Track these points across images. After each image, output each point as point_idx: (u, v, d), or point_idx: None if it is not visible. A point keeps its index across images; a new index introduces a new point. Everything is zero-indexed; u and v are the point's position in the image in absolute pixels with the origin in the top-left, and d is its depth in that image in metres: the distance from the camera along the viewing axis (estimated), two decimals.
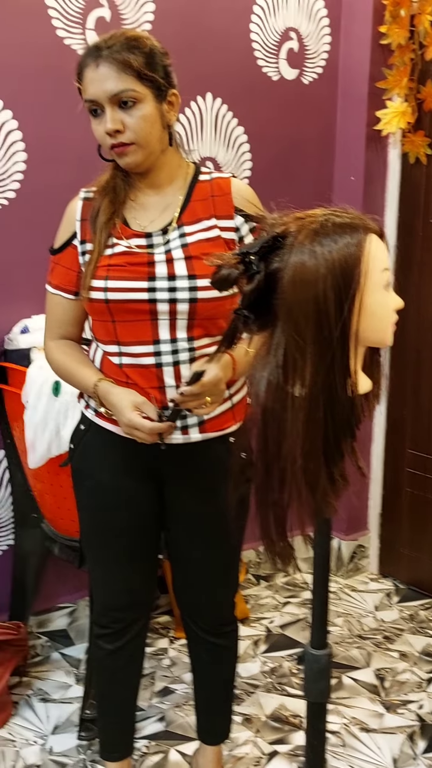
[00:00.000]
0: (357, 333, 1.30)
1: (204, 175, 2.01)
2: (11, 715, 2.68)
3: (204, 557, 2.13)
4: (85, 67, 1.88)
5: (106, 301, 1.91)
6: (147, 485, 2.06)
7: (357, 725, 2.67)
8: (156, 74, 1.88)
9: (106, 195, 1.97)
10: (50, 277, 2.06)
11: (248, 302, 1.34)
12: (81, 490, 2.13)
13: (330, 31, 3.32)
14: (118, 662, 2.23)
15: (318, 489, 1.32)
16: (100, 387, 1.95)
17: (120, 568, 2.13)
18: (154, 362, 1.93)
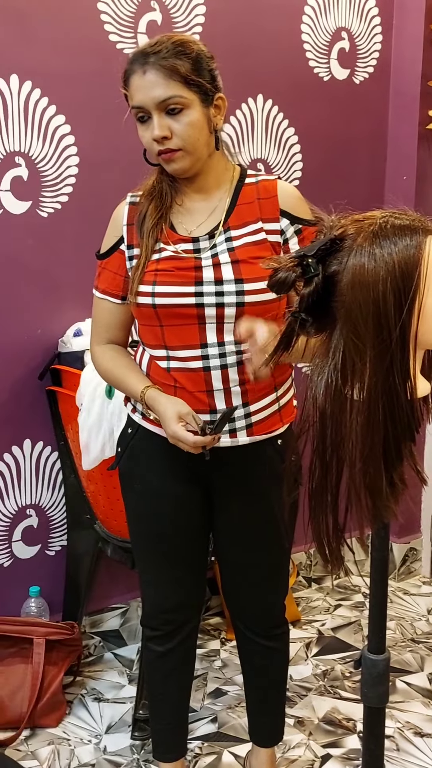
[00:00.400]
0: (416, 335, 1.29)
1: (250, 177, 2.00)
2: (66, 714, 2.70)
3: (252, 560, 2.12)
4: (131, 74, 1.87)
5: (154, 305, 1.92)
6: (195, 488, 2.06)
7: (411, 729, 2.65)
8: (202, 79, 1.87)
9: (152, 200, 1.97)
10: (97, 282, 2.07)
11: (306, 305, 1.34)
12: (129, 494, 2.13)
13: (381, 30, 3.30)
14: (168, 664, 2.23)
15: (378, 493, 1.31)
16: (147, 395, 1.95)
17: (169, 570, 2.14)
18: (201, 366, 1.93)
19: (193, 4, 2.87)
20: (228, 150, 2.02)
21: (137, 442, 2.07)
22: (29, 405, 2.78)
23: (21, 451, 2.82)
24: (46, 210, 2.71)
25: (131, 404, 2.08)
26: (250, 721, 2.38)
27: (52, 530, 2.93)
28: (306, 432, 1.40)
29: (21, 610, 2.82)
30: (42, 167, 2.68)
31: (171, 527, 2.08)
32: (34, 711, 2.61)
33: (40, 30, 2.61)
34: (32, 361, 2.76)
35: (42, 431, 2.83)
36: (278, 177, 2.01)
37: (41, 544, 2.92)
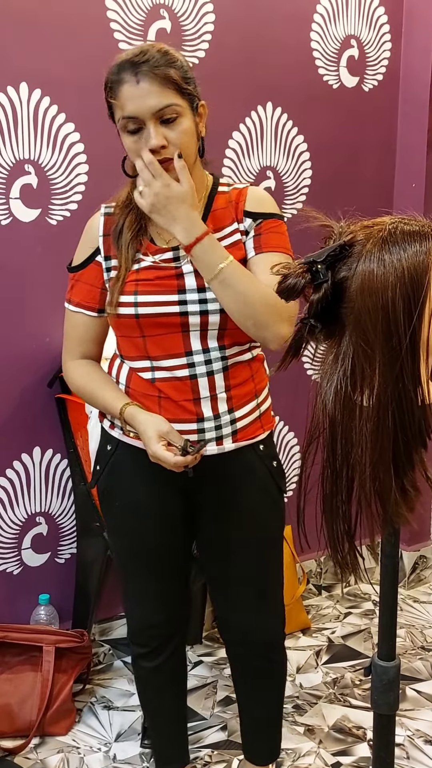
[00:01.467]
0: (427, 341, 1.28)
1: (223, 186, 2.00)
2: (75, 722, 2.70)
3: (240, 572, 2.09)
4: (121, 84, 1.83)
5: (137, 316, 1.90)
6: (178, 501, 2.04)
7: (421, 737, 2.64)
8: (190, 86, 1.86)
9: (129, 211, 1.94)
10: (70, 295, 2.03)
11: (315, 311, 1.33)
12: (110, 510, 2.10)
13: (390, 37, 3.31)
14: (160, 678, 2.22)
15: (388, 499, 1.30)
16: (127, 413, 1.92)
17: (154, 585, 2.12)
18: (188, 374, 1.92)
19: (202, 12, 2.88)
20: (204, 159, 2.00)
21: (118, 458, 2.04)
22: (38, 413, 2.79)
23: (30, 459, 2.82)
24: (55, 218, 2.72)
25: (108, 420, 2.04)
26: (243, 739, 2.34)
27: (61, 538, 2.93)
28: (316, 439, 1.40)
29: (30, 618, 2.82)
30: (51, 175, 2.69)
31: (154, 542, 2.07)
32: (43, 719, 2.61)
33: (50, 38, 2.62)
34: (41, 369, 2.76)
35: (51, 439, 2.83)
36: (249, 184, 2.01)
37: (51, 551, 2.92)
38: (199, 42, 2.90)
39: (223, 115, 2.95)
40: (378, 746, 1.52)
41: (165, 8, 2.81)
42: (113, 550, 2.17)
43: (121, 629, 3.07)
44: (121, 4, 2.73)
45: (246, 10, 2.95)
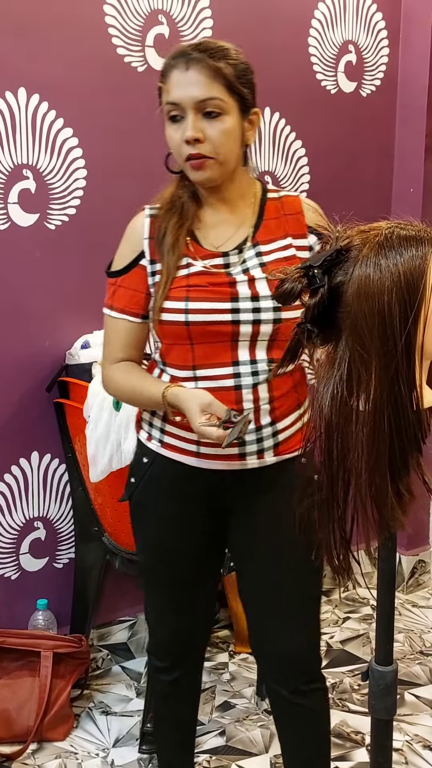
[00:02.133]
0: (422, 346, 1.28)
1: (272, 193, 1.93)
2: (73, 728, 2.70)
3: (279, 591, 1.96)
4: (172, 68, 1.78)
5: (187, 323, 1.82)
6: (214, 517, 1.96)
7: (420, 742, 2.64)
8: (244, 88, 1.80)
9: (173, 212, 1.88)
10: (111, 301, 1.94)
11: (312, 316, 1.34)
12: (141, 524, 2.03)
13: (388, 43, 3.31)
14: (177, 691, 2.16)
15: (384, 504, 1.30)
16: (169, 395, 1.82)
17: (180, 603, 2.05)
18: (233, 384, 1.84)
19: (200, 18, 2.89)
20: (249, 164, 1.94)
21: (154, 472, 1.96)
22: (37, 417, 2.79)
23: (29, 464, 2.82)
24: (53, 222, 2.72)
25: (145, 431, 1.97)
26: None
27: (59, 543, 2.93)
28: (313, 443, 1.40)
29: (28, 623, 2.82)
30: (49, 180, 2.69)
31: (184, 559, 1.99)
32: (41, 724, 2.61)
33: (48, 44, 2.63)
34: (40, 373, 2.76)
35: (49, 444, 2.83)
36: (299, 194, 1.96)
37: (49, 556, 2.91)
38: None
39: None
40: (376, 751, 1.52)
41: (163, 14, 2.82)
42: (141, 563, 2.09)
43: (119, 634, 3.07)
44: (119, 10, 2.73)
45: (244, 16, 2.96)
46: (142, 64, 2.81)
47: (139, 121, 2.82)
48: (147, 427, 1.97)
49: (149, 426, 1.96)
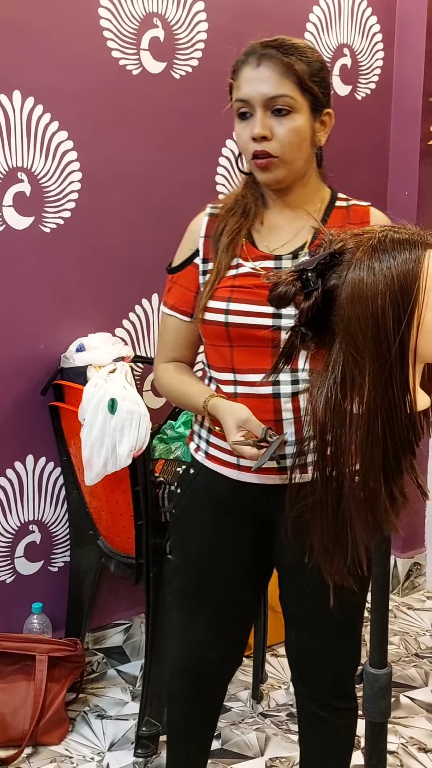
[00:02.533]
0: (416, 349, 1.29)
1: (341, 201, 1.88)
2: (68, 731, 2.69)
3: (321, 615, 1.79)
4: (244, 65, 1.75)
5: (226, 324, 1.77)
6: (257, 535, 1.87)
7: (414, 745, 2.64)
8: (317, 87, 1.75)
9: (234, 212, 1.84)
10: (166, 297, 1.93)
11: (305, 319, 1.34)
12: (181, 536, 1.99)
13: (383, 46, 3.32)
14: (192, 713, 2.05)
15: (377, 506, 1.30)
16: (210, 406, 1.79)
17: (212, 628, 1.94)
18: (271, 392, 1.77)
19: (195, 21, 2.89)
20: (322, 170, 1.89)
21: (198, 484, 1.90)
22: (32, 420, 2.78)
23: (24, 467, 2.81)
24: (48, 225, 2.72)
25: (195, 443, 1.93)
26: None
27: (54, 546, 2.93)
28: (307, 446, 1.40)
29: (23, 627, 2.81)
30: (44, 183, 2.69)
31: (221, 577, 1.90)
32: (36, 728, 2.60)
33: (43, 46, 2.63)
34: (35, 376, 2.76)
35: (44, 447, 2.83)
36: (371, 204, 1.89)
37: (44, 560, 2.91)
38: (192, 50, 2.90)
39: (216, 123, 2.96)
40: (370, 754, 1.52)
41: (158, 17, 2.82)
42: (173, 579, 2.02)
43: (115, 637, 3.06)
44: (114, 13, 2.73)
45: (239, 19, 2.96)
46: (137, 67, 2.81)
47: (134, 124, 2.83)
48: (196, 438, 1.92)
49: (198, 437, 1.91)
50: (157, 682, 2.59)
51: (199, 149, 2.97)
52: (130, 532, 2.56)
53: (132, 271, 2.90)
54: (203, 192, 3.00)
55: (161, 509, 2.53)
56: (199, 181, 2.99)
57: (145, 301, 2.95)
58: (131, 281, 2.91)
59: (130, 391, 2.48)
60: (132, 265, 2.90)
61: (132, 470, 2.48)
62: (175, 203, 2.95)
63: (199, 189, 2.99)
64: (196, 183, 2.98)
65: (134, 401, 2.45)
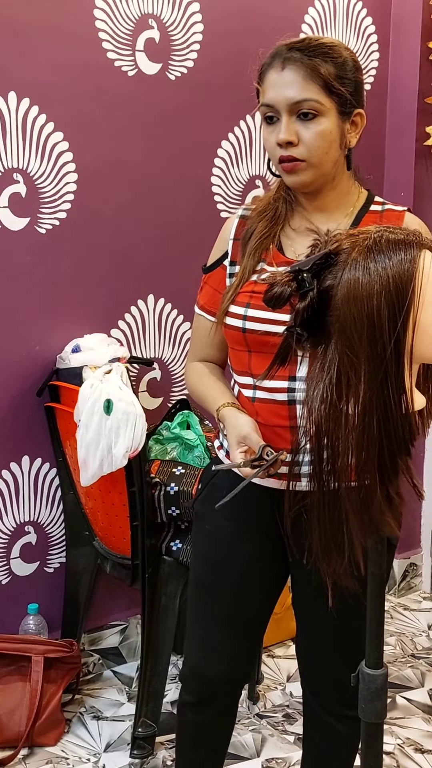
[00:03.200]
0: (411, 350, 1.29)
1: (376, 205, 1.83)
2: (64, 733, 2.69)
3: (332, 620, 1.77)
4: (269, 68, 1.71)
5: (244, 330, 1.76)
6: (273, 539, 1.82)
7: (411, 746, 2.64)
8: (345, 88, 1.70)
9: (265, 215, 1.81)
10: (198, 296, 1.92)
11: (301, 319, 1.34)
12: (198, 535, 1.94)
13: (378, 47, 3.32)
14: (202, 731, 1.99)
15: (373, 507, 1.31)
16: (220, 416, 1.78)
17: (224, 631, 1.90)
18: (287, 399, 1.74)
19: (191, 22, 2.89)
20: (357, 173, 1.85)
21: (218, 482, 1.86)
22: (27, 421, 2.78)
23: (19, 468, 2.81)
24: (44, 226, 2.72)
25: (219, 440, 1.90)
26: None
27: (50, 547, 2.92)
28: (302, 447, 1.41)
29: (19, 628, 2.81)
30: (40, 184, 2.69)
31: (235, 581, 1.86)
32: (32, 729, 2.60)
33: (38, 47, 2.63)
34: (30, 377, 2.76)
35: (40, 448, 2.83)
36: (408, 209, 1.85)
37: (40, 561, 2.91)
38: (188, 52, 2.90)
39: (212, 124, 2.97)
40: (366, 755, 1.52)
41: (153, 18, 2.82)
42: (190, 578, 1.96)
43: (111, 638, 3.06)
44: (109, 14, 2.73)
45: (235, 20, 2.96)
46: (133, 69, 2.81)
47: (130, 125, 2.83)
48: (220, 436, 1.90)
49: (222, 435, 1.89)
50: (154, 683, 2.59)
51: (195, 150, 2.98)
52: (125, 533, 2.56)
53: (128, 272, 2.90)
54: (199, 193, 3.01)
55: (157, 510, 2.53)
56: (194, 182, 2.99)
57: (140, 302, 2.95)
58: (127, 282, 2.91)
59: (126, 391, 2.48)
60: (128, 265, 2.90)
61: (128, 471, 2.48)
62: (171, 204, 2.95)
63: (194, 190, 2.99)
64: (191, 184, 2.98)
65: (130, 402, 2.45)
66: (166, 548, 2.57)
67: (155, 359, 3.02)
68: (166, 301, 3.00)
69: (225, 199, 3.07)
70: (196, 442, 2.63)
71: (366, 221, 1.79)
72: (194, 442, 2.63)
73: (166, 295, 3.00)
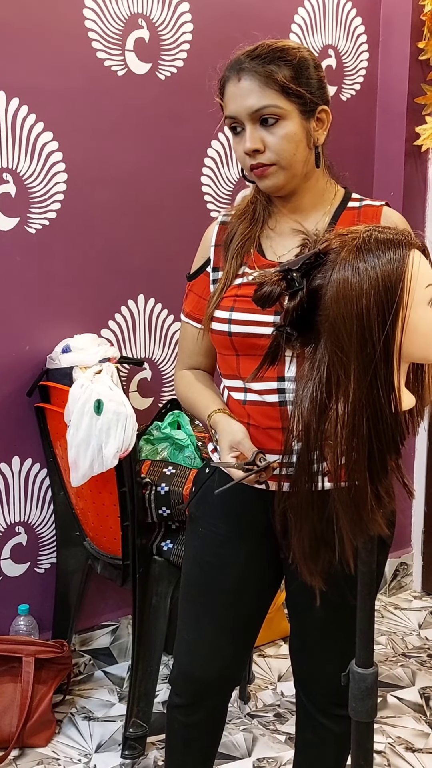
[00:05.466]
0: (400, 349, 1.29)
1: (353, 201, 1.82)
2: (55, 733, 2.68)
3: (326, 619, 1.81)
4: (227, 81, 1.73)
5: (230, 333, 1.76)
6: (268, 543, 1.82)
7: (402, 745, 2.64)
8: (303, 88, 1.70)
9: (244, 218, 1.83)
10: (184, 304, 1.93)
11: (291, 319, 1.34)
12: (192, 538, 1.93)
13: (368, 47, 3.33)
14: (192, 734, 1.98)
15: (363, 506, 1.31)
16: (212, 421, 1.79)
17: (215, 637, 1.89)
18: (277, 400, 1.74)
19: (180, 21, 2.89)
20: (330, 170, 1.85)
21: (211, 483, 1.86)
22: (18, 422, 2.78)
23: (9, 468, 2.81)
24: (33, 226, 2.72)
25: (213, 443, 1.89)
26: None
27: (41, 548, 2.92)
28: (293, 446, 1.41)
29: (10, 629, 2.80)
30: (30, 184, 2.69)
31: (229, 584, 1.86)
32: (23, 730, 2.59)
33: (28, 47, 2.62)
34: (20, 377, 2.75)
35: (31, 448, 2.82)
36: (386, 203, 1.83)
37: (30, 561, 2.90)
38: (177, 51, 2.90)
39: (202, 124, 2.96)
40: (356, 754, 1.52)
41: (143, 17, 2.82)
42: (183, 580, 1.95)
43: (102, 639, 3.06)
44: (99, 14, 2.73)
45: (224, 20, 2.96)
46: (122, 68, 2.81)
47: (120, 125, 2.83)
48: (214, 439, 1.87)
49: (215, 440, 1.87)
50: (145, 684, 2.58)
51: (185, 150, 2.97)
52: (116, 533, 2.56)
53: (118, 272, 2.90)
54: (189, 192, 3.01)
55: (148, 510, 2.53)
56: (184, 181, 2.99)
57: (131, 302, 2.95)
58: (117, 282, 2.91)
59: (116, 392, 2.48)
60: (118, 265, 2.90)
61: (118, 471, 2.48)
62: (161, 204, 2.95)
63: (184, 189, 2.99)
64: (181, 183, 2.98)
65: (120, 402, 2.45)
66: (156, 548, 2.57)
67: (146, 359, 3.02)
68: (156, 301, 3.00)
69: (215, 199, 3.07)
70: (187, 442, 2.63)
71: (344, 218, 1.79)
72: (185, 442, 2.62)
73: (157, 295, 3.00)
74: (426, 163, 3.35)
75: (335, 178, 1.85)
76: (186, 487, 2.51)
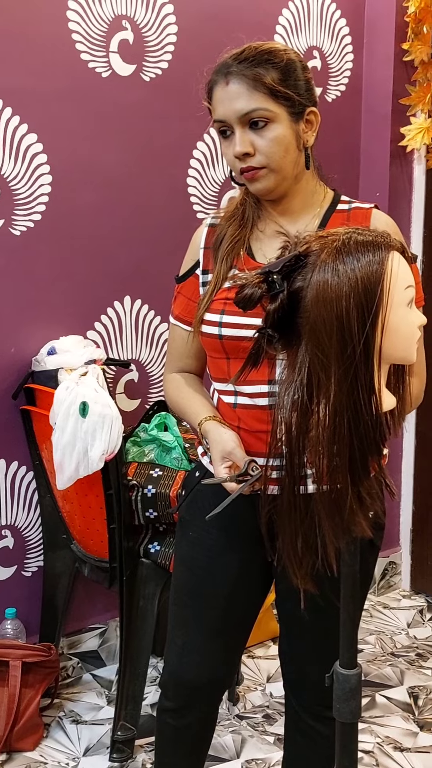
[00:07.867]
0: (381, 350, 1.29)
1: (343, 204, 1.82)
2: (43, 737, 2.68)
3: (313, 622, 1.80)
4: (214, 86, 1.73)
5: (220, 336, 1.76)
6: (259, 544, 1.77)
7: (390, 744, 2.64)
8: (291, 91, 1.70)
9: (234, 220, 1.82)
10: (173, 307, 1.92)
11: (272, 321, 1.34)
12: (182, 542, 1.91)
13: (353, 49, 3.33)
14: (183, 738, 1.97)
15: (345, 507, 1.31)
16: (203, 429, 1.78)
17: (205, 641, 1.88)
18: (268, 403, 1.73)
19: (165, 23, 2.89)
20: (320, 172, 1.84)
21: (202, 487, 1.85)
22: (3, 425, 2.77)
23: None
24: (18, 228, 2.71)
25: (203, 447, 1.88)
26: None
27: (28, 551, 2.91)
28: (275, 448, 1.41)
29: None
30: (14, 186, 2.68)
31: (220, 587, 1.85)
32: (10, 735, 2.59)
33: (12, 49, 2.62)
34: (6, 380, 2.75)
35: (16, 451, 2.82)
36: (375, 206, 1.83)
37: (17, 565, 2.90)
38: (162, 53, 2.90)
39: (187, 125, 2.96)
40: (341, 755, 1.53)
41: (127, 19, 2.81)
42: (173, 584, 1.94)
43: (90, 642, 3.05)
44: (82, 16, 2.73)
45: (208, 22, 2.96)
46: (107, 70, 2.80)
47: (104, 127, 2.82)
48: (204, 442, 1.85)
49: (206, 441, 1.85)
50: (132, 686, 2.58)
51: (170, 151, 2.97)
52: (103, 535, 2.56)
53: (104, 274, 2.90)
54: (174, 194, 3.01)
55: (134, 512, 2.53)
56: (169, 183, 2.99)
57: (117, 304, 2.94)
58: (103, 284, 2.90)
59: (102, 394, 2.48)
60: (103, 267, 2.89)
61: (104, 474, 2.48)
62: (146, 205, 2.95)
63: (170, 191, 2.99)
64: (166, 185, 2.98)
65: (106, 404, 2.44)
66: (143, 550, 2.57)
67: (132, 361, 3.01)
68: (143, 302, 3.00)
69: (201, 200, 3.07)
70: (174, 444, 2.62)
71: (334, 221, 1.79)
72: (172, 444, 2.62)
73: (143, 297, 3.00)
74: (411, 163, 3.36)
75: (324, 180, 1.85)
76: (173, 489, 2.51)
